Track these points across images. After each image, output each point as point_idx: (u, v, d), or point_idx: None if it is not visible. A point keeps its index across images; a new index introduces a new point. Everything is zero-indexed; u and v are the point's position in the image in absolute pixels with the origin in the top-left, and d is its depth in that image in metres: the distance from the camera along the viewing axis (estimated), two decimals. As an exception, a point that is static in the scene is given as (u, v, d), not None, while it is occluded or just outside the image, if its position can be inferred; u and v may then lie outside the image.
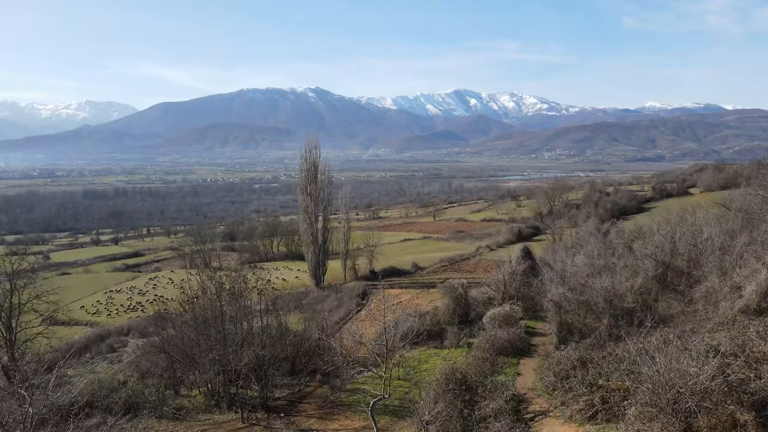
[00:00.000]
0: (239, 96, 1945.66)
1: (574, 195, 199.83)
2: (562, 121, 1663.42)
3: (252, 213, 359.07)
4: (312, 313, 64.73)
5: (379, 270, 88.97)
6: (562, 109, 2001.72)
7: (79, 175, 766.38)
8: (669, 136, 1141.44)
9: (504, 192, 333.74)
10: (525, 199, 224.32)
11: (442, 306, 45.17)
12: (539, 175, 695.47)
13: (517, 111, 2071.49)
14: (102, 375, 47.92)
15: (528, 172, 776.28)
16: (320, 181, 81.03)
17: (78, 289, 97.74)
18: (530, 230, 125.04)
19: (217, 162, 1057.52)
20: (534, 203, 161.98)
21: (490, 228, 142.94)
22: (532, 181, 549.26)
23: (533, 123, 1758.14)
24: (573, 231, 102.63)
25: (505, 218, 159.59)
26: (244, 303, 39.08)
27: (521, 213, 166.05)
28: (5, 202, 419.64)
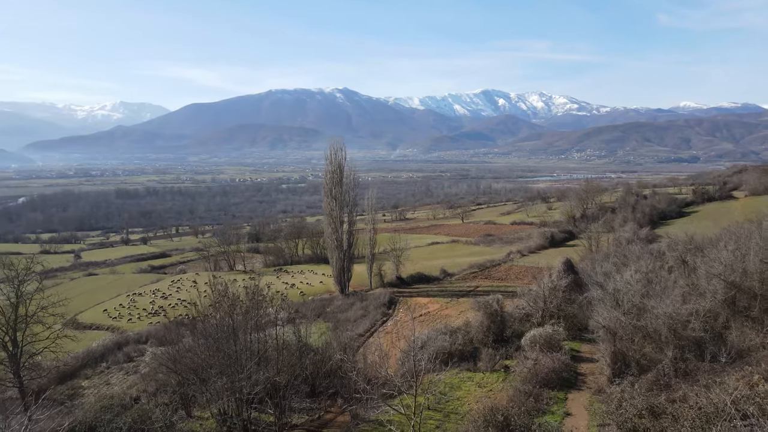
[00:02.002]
0: (268, 96, 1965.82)
1: (608, 198, 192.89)
2: (593, 122, 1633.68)
3: (279, 213, 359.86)
4: (335, 323, 62.15)
5: (406, 276, 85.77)
6: (592, 109, 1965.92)
7: (113, 175, 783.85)
8: (704, 136, 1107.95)
9: (533, 193, 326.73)
10: (556, 202, 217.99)
11: (474, 322, 41.54)
12: (569, 176, 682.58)
13: (547, 111, 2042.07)
14: (115, 388, 46.05)
15: (557, 173, 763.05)
16: (345, 184, 78.01)
17: (103, 291, 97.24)
18: (563, 235, 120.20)
19: (245, 162, 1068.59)
20: (566, 206, 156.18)
21: (521, 232, 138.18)
22: (562, 182, 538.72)
23: (563, 123, 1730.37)
24: (610, 237, 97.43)
25: (536, 221, 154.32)
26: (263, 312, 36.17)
27: (553, 216, 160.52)
28: (42, 201, 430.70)
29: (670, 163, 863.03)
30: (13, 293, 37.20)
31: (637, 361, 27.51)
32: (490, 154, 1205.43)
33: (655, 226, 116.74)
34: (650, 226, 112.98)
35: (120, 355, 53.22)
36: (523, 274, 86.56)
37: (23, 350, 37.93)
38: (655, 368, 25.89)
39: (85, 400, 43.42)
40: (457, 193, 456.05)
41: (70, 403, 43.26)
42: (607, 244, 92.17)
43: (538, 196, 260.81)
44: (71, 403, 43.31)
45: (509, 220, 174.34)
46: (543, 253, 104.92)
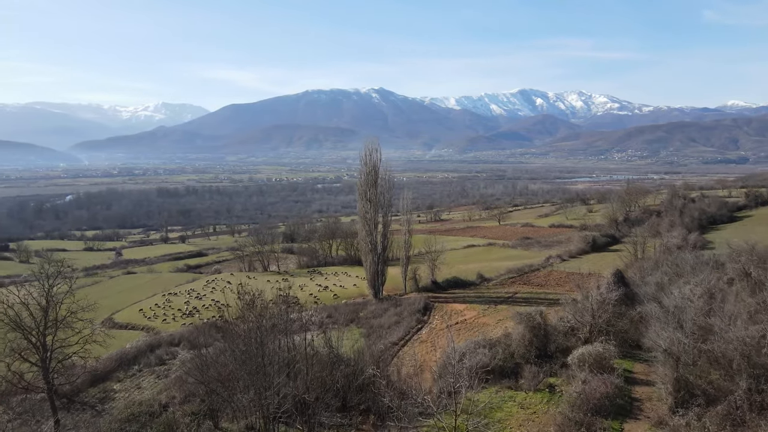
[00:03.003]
0: (304, 97, 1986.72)
1: (652, 200, 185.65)
2: (635, 121, 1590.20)
3: (314, 213, 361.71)
4: (369, 329, 60.50)
5: (441, 280, 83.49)
6: (634, 109, 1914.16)
7: (155, 174, 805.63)
8: (754, 136, 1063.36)
9: (572, 195, 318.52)
10: (596, 204, 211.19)
11: (515, 335, 39.05)
12: (609, 177, 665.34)
13: (586, 110, 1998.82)
14: (146, 393, 45.51)
15: (597, 173, 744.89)
16: (381, 186, 76.15)
17: (140, 290, 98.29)
18: (605, 239, 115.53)
19: (282, 162, 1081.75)
20: (608, 208, 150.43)
21: (560, 235, 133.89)
22: (602, 183, 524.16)
23: (603, 123, 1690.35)
24: (656, 242, 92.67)
25: (576, 224, 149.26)
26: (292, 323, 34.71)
27: (593, 219, 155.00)
28: (87, 199, 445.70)
29: (716, 164, 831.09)
30: (43, 297, 36.81)
31: (704, 390, 24.77)
32: (527, 155, 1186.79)
33: (705, 231, 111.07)
34: (699, 231, 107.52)
35: (152, 357, 52.92)
36: (563, 280, 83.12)
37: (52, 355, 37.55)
38: (725, 400, 23.17)
39: (115, 404, 43.04)
40: (492, 194, 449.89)
41: (101, 406, 42.94)
42: (654, 250, 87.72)
43: (577, 198, 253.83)
44: (102, 407, 43.00)
45: (547, 222, 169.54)
46: (584, 258, 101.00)
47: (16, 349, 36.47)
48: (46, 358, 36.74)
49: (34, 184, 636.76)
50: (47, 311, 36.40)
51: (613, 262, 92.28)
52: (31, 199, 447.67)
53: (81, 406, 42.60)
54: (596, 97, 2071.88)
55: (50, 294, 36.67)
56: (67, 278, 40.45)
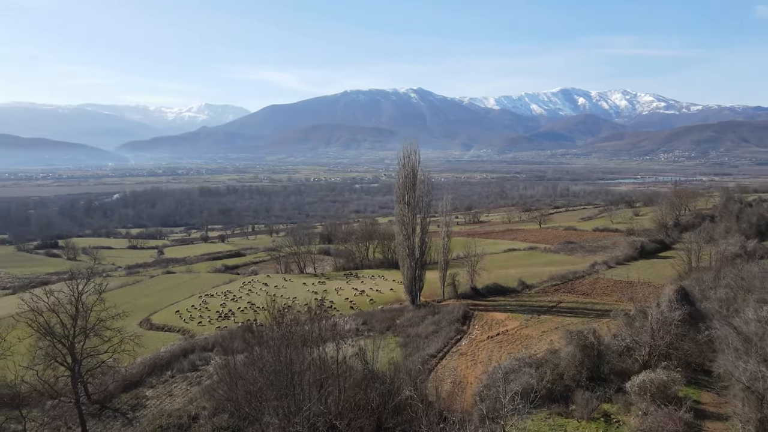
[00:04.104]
0: (343, 97, 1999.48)
1: (704, 204, 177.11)
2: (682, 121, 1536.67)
3: (351, 213, 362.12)
4: (405, 338, 58.28)
5: (481, 287, 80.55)
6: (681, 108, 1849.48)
7: (197, 174, 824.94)
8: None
9: (616, 197, 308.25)
10: (643, 207, 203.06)
11: (565, 355, 36.04)
12: (654, 178, 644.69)
13: (630, 110, 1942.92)
14: (177, 401, 44.56)
15: (642, 174, 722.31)
16: (419, 189, 73.72)
17: (177, 290, 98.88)
18: (654, 245, 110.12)
19: (320, 162, 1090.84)
20: (656, 212, 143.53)
21: (605, 239, 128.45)
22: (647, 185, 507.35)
23: (648, 122, 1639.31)
24: (712, 250, 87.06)
25: (622, 228, 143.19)
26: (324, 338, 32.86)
27: (641, 223, 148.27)
28: (133, 197, 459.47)
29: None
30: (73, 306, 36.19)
31: (793, 434, 21.70)
32: (568, 155, 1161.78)
33: (764, 238, 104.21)
34: (758, 238, 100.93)
35: (185, 363, 52.12)
36: (611, 289, 78.99)
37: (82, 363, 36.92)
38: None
39: (146, 413, 42.23)
40: (532, 195, 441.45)
41: (132, 414, 42.22)
42: (709, 258, 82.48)
43: (622, 200, 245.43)
44: (133, 415, 42.29)
45: (591, 226, 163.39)
46: (632, 265, 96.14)
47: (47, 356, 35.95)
48: (75, 367, 36.11)
49: (85, 183, 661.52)
50: (76, 319, 35.78)
51: (664, 270, 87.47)
52: (81, 198, 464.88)
53: (112, 413, 42.01)
54: (641, 96, 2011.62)
55: (80, 302, 36.03)
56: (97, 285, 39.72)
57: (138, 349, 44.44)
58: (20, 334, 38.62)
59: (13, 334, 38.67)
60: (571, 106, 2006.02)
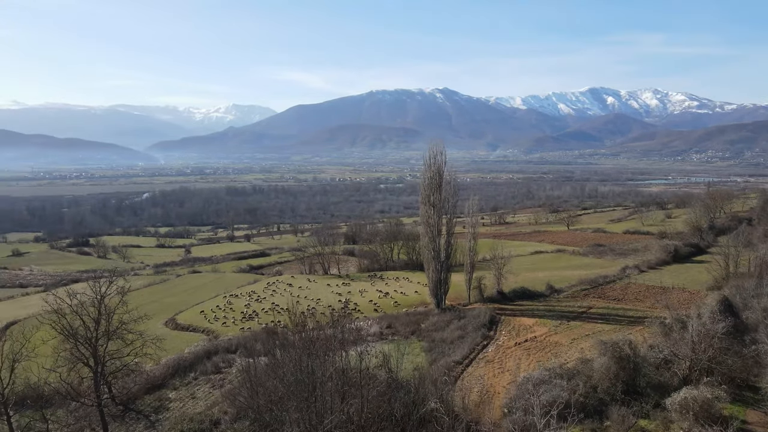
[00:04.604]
0: (369, 97, 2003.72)
1: (740, 206, 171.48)
2: (715, 120, 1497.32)
3: (376, 213, 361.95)
4: (430, 343, 57.11)
5: (507, 290, 78.80)
6: (715, 107, 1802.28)
7: (224, 173, 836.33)
8: None
9: (646, 198, 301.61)
10: (675, 208, 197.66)
11: (598, 366, 34.37)
12: (686, 179, 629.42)
13: (661, 109, 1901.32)
14: (200, 404, 44.25)
15: (673, 175, 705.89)
16: (445, 191, 72.40)
17: (203, 290, 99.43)
18: (688, 249, 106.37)
19: (345, 161, 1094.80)
20: (689, 214, 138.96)
21: (636, 242, 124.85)
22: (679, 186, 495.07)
23: (680, 122, 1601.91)
24: (750, 255, 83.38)
25: (653, 231, 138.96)
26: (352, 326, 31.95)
27: (673, 226, 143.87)
28: (162, 197, 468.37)
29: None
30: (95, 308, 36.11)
31: None
32: (597, 155, 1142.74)
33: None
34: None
35: (209, 365, 51.92)
36: (643, 294, 76.34)
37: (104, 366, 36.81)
38: None
39: (168, 415, 42.00)
40: (559, 196, 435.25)
41: (155, 417, 42.05)
42: (748, 264, 79.05)
43: (653, 202, 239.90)
44: (155, 417, 42.11)
45: (621, 228, 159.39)
46: (665, 269, 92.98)
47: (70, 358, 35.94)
48: (97, 370, 36.01)
49: (116, 182, 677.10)
50: (99, 322, 35.68)
51: (699, 275, 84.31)
52: (112, 197, 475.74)
53: (135, 415, 41.91)
54: (673, 95, 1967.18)
55: (102, 304, 35.93)
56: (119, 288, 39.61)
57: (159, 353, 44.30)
58: (44, 336, 38.89)
59: (38, 336, 38.97)
60: (600, 106, 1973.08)
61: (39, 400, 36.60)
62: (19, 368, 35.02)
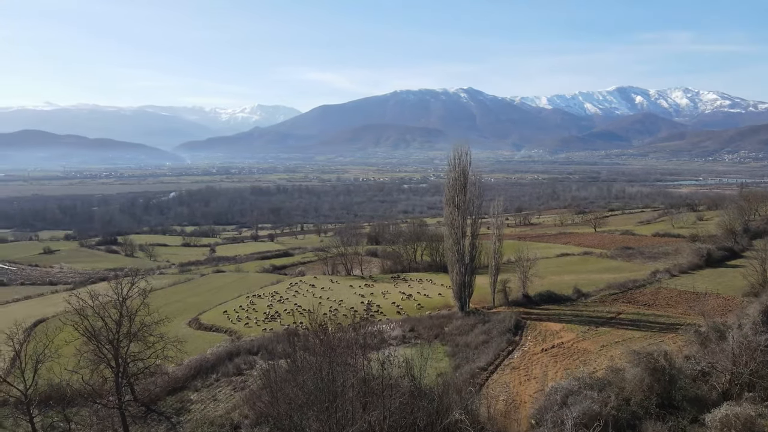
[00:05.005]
0: (393, 97, 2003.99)
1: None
2: (749, 119, 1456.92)
3: (400, 213, 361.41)
4: (454, 348, 56.03)
5: (533, 294, 77.09)
6: (748, 106, 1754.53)
7: (249, 173, 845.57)
8: None
9: (676, 199, 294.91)
10: (706, 210, 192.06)
11: (631, 377, 32.84)
12: (718, 180, 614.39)
13: (692, 108, 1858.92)
14: (220, 406, 44.01)
15: (704, 176, 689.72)
16: (470, 192, 71.11)
17: (226, 290, 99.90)
18: (722, 253, 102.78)
19: (369, 161, 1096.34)
20: (722, 216, 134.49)
21: (666, 245, 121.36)
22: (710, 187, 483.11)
23: (711, 122, 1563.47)
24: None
25: (684, 234, 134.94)
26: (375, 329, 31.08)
27: (705, 228, 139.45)
28: (189, 196, 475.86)
29: None
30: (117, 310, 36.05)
31: None
32: (624, 156, 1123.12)
33: None
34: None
35: (230, 366, 51.77)
36: (675, 300, 73.83)
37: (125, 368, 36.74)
38: None
39: (189, 417, 41.83)
40: (586, 197, 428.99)
41: (176, 418, 41.91)
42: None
43: (683, 203, 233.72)
44: (177, 419, 41.98)
45: (650, 230, 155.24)
46: (698, 274, 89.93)
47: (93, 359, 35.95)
48: (119, 372, 35.96)
49: (144, 181, 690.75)
50: (120, 324, 35.62)
51: (734, 281, 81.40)
52: (140, 196, 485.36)
53: (157, 416, 41.83)
54: (704, 94, 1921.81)
55: (124, 306, 35.87)
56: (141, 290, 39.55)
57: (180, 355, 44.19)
58: (67, 337, 39.08)
59: (61, 337, 39.19)
60: (628, 105, 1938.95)
61: (62, 400, 36.77)
62: (43, 369, 35.29)
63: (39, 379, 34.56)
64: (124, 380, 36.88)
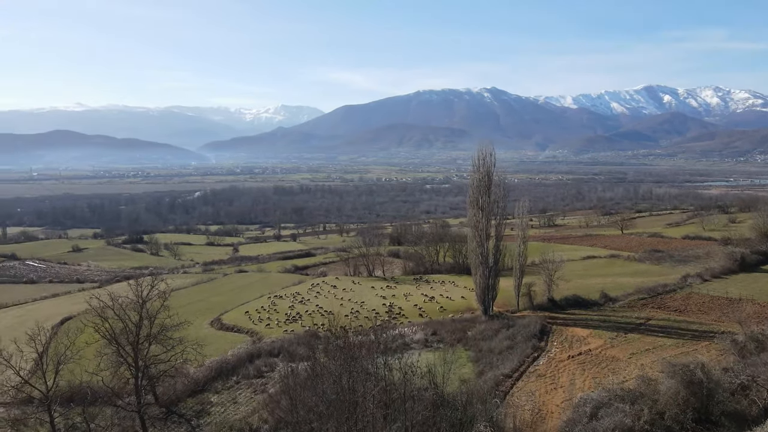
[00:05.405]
0: (416, 97, 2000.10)
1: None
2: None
3: (422, 213, 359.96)
4: (477, 353, 54.84)
5: (559, 298, 75.35)
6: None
7: (272, 173, 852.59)
8: None
9: (706, 201, 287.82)
10: (739, 212, 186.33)
11: (665, 390, 31.30)
12: (750, 181, 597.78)
13: (723, 108, 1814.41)
14: (240, 409, 43.66)
15: (735, 177, 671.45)
16: (494, 193, 69.78)
17: (248, 290, 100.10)
18: (757, 257, 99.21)
19: (391, 161, 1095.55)
20: (757, 219, 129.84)
21: (697, 249, 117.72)
22: (741, 188, 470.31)
23: (743, 121, 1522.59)
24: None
25: (716, 237, 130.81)
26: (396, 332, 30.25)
27: (738, 231, 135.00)
28: (213, 195, 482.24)
29: None
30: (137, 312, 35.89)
31: None
32: (651, 156, 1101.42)
33: None
34: None
35: (251, 368, 51.49)
36: (707, 306, 71.24)
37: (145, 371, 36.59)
38: None
39: (210, 420, 41.55)
40: (612, 198, 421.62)
41: (196, 421, 41.68)
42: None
43: (714, 205, 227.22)
44: (197, 422, 41.74)
45: (680, 233, 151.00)
46: (731, 278, 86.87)
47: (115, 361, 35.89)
48: (138, 375, 35.81)
49: (170, 181, 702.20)
50: (140, 327, 35.48)
51: (762, 284, 78.58)
52: (166, 195, 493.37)
53: (178, 418, 41.67)
54: (735, 93, 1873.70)
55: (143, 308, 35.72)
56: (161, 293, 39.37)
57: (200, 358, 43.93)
58: (88, 339, 39.19)
59: (82, 339, 39.32)
60: (656, 105, 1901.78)
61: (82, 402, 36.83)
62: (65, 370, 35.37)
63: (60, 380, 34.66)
64: (145, 382, 36.76)
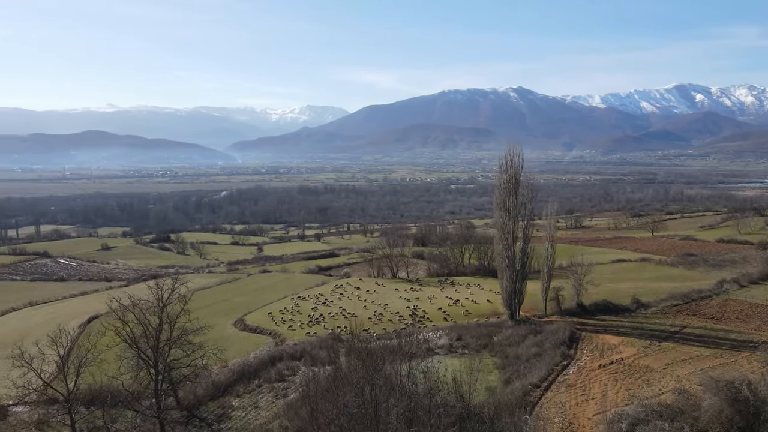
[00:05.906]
0: (441, 97, 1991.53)
1: None
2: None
3: (446, 214, 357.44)
4: (504, 360, 53.28)
5: (588, 303, 73.12)
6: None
7: (297, 173, 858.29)
8: None
9: (741, 203, 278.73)
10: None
11: (707, 407, 29.46)
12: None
13: (758, 107, 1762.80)
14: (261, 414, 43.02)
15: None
16: (521, 195, 68.04)
17: (272, 290, 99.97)
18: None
19: (416, 162, 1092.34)
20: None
21: (732, 253, 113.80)
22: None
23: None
24: None
25: (753, 240, 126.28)
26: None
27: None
28: (239, 195, 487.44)
29: None
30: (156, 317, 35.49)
31: None
32: (682, 156, 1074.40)
33: None
34: None
35: (273, 372, 50.85)
36: (746, 314, 68.19)
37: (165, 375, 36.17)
38: None
39: (230, 425, 41.00)
40: (641, 199, 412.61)
41: (217, 425, 41.19)
42: None
43: (749, 207, 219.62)
44: (218, 426, 41.24)
45: (714, 236, 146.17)
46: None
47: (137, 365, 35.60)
48: (158, 380, 35.42)
49: (197, 180, 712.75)
50: (160, 331, 35.08)
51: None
52: (193, 194, 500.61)
53: (199, 422, 41.22)
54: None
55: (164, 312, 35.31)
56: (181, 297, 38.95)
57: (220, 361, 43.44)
58: (109, 342, 39.06)
59: (103, 342, 39.20)
60: (687, 104, 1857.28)
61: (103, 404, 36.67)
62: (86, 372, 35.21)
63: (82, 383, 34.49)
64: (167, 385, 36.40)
